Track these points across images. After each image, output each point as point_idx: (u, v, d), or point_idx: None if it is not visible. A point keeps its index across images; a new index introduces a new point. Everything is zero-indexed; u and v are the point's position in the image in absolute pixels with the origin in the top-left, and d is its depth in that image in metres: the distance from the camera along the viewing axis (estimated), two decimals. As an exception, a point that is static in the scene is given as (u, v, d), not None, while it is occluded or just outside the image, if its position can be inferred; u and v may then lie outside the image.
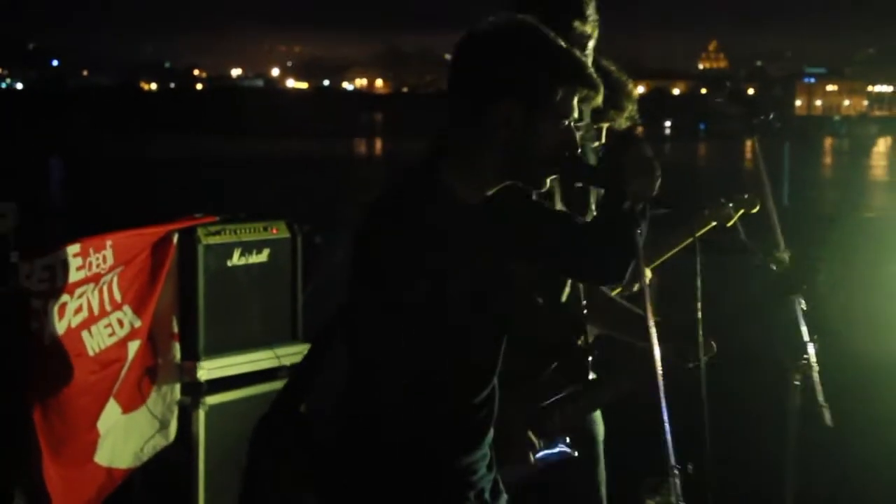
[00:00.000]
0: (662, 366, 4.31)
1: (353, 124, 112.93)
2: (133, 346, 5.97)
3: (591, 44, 4.31)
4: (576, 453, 4.09)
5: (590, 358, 4.26)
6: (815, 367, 4.49)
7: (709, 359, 4.04)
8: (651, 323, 3.28)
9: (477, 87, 3.26)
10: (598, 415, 5.03)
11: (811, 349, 4.52)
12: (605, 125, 4.53)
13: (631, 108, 4.74)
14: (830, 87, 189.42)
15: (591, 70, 3.30)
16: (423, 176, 3.27)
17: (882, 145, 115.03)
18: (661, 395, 3.23)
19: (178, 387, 6.26)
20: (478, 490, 3.35)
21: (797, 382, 4.52)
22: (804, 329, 4.55)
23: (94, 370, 5.74)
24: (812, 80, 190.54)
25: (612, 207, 3.33)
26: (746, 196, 5.24)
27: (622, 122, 4.66)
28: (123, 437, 5.99)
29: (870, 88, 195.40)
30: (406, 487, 3.26)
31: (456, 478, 3.32)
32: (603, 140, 4.49)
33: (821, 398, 4.45)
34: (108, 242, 5.81)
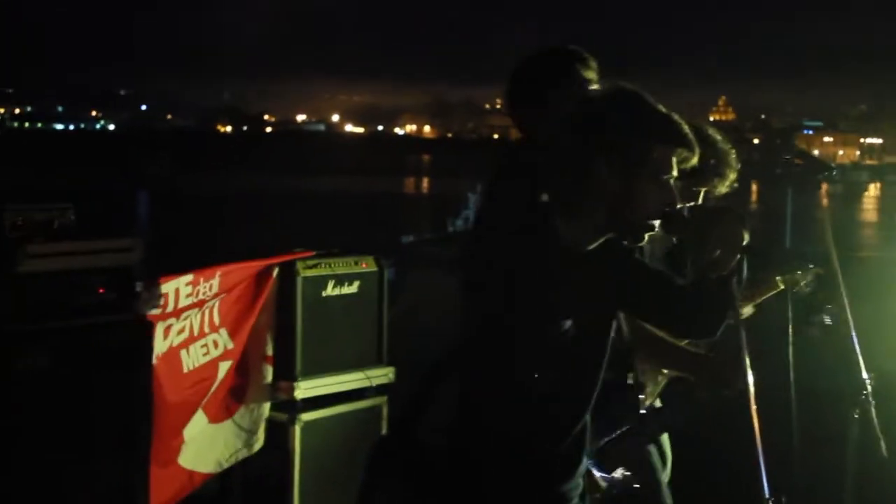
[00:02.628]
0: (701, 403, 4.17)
1: (403, 165, 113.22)
2: (224, 366, 5.92)
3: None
4: (636, 485, 3.93)
5: (640, 395, 4.12)
6: (872, 402, 4.34)
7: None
8: (746, 359, 3.14)
9: (580, 146, 3.17)
10: (664, 439, 4.88)
11: (868, 385, 4.37)
12: (703, 189, 4.39)
13: (732, 178, 4.59)
14: (826, 139, 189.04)
15: (687, 131, 3.20)
16: (536, 224, 3.16)
17: (872, 190, 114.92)
18: (756, 428, 3.09)
19: (267, 405, 6.20)
20: None
21: (856, 415, 4.36)
22: (862, 364, 4.39)
23: (187, 386, 5.70)
24: (810, 132, 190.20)
25: (703, 272, 3.22)
26: (812, 266, 5.03)
27: (722, 189, 4.52)
28: (208, 445, 5.92)
29: (861, 140, 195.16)
30: None
31: None
32: (699, 202, 4.35)
33: (877, 430, 4.30)
34: (218, 273, 5.81)
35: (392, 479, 3.34)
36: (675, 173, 3.17)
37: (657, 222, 3.17)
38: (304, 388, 6.21)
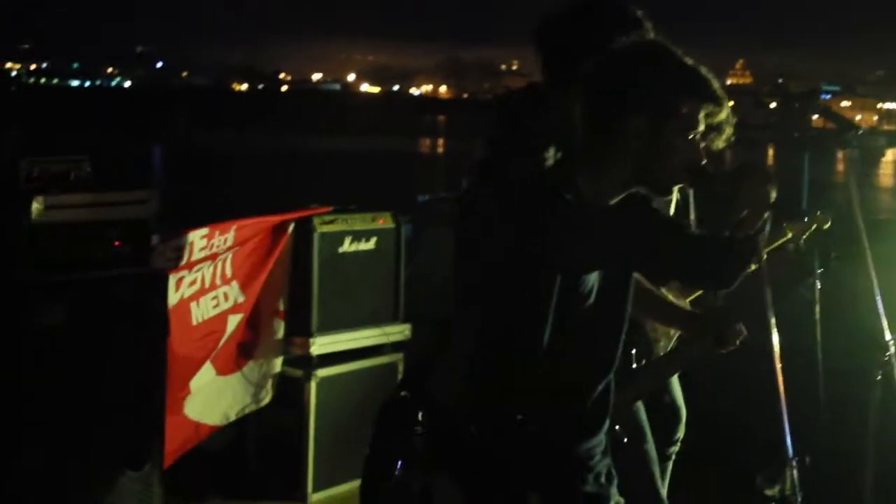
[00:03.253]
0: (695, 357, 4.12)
1: (418, 125, 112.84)
2: (234, 319, 5.89)
3: None
4: (625, 439, 3.90)
5: (633, 350, 4.07)
6: (895, 364, 4.29)
7: (739, 343, 3.84)
8: (772, 319, 3.09)
9: (609, 101, 3.11)
10: (677, 396, 4.83)
11: (891, 346, 4.32)
12: (702, 144, 4.33)
13: (728, 132, 4.54)
14: (844, 103, 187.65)
15: (716, 86, 3.13)
16: (557, 177, 3.09)
17: (890, 155, 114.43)
18: (780, 388, 3.04)
19: (277, 360, 6.19)
20: (595, 473, 3.23)
21: (878, 377, 4.32)
22: (885, 326, 4.35)
23: (195, 338, 5.66)
24: (828, 96, 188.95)
25: (726, 226, 3.16)
26: (820, 213, 5.00)
27: (719, 144, 4.47)
28: (216, 397, 5.89)
29: (879, 105, 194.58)
30: (533, 468, 3.14)
31: (577, 462, 3.20)
32: None
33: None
34: (233, 227, 5.77)
35: (402, 437, 3.29)
36: (702, 128, 3.12)
37: (682, 178, 3.12)
38: (320, 344, 6.19)
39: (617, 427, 3.88)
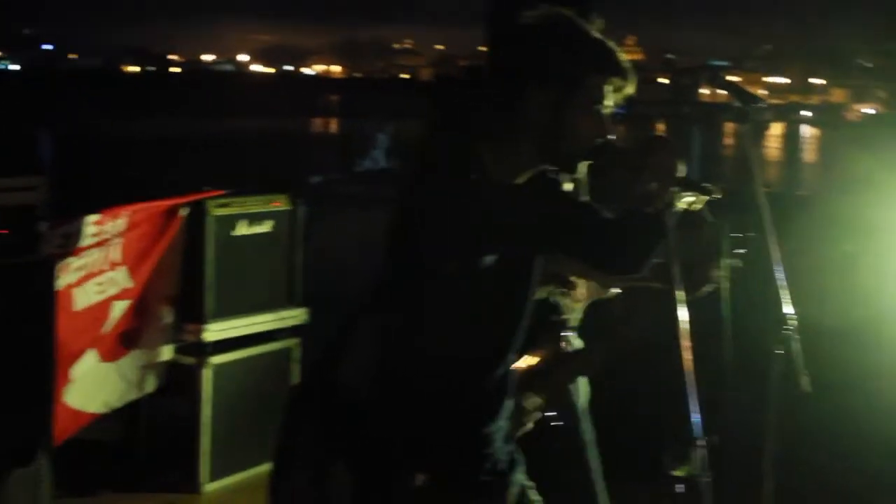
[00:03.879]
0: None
1: (312, 105, 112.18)
2: (119, 305, 5.76)
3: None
4: (552, 423, 3.85)
5: (564, 333, 4.01)
6: (796, 338, 4.26)
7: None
8: (679, 295, 3.03)
9: (511, 75, 3.02)
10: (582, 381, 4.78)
11: (791, 319, 4.29)
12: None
13: (617, 98, 4.47)
14: (732, 78, 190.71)
15: (622, 59, 3.06)
16: (461, 156, 3.00)
17: (774, 129, 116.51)
18: (688, 366, 2.99)
19: (164, 347, 6.06)
20: (493, 461, 3.12)
21: (779, 351, 4.28)
22: (786, 300, 4.31)
23: (77, 324, 5.53)
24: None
25: (634, 203, 3.08)
26: (705, 185, 4.98)
27: (606, 111, 4.41)
28: (98, 385, 5.74)
29: (766, 79, 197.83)
30: (425, 450, 3.05)
31: (472, 447, 3.09)
32: None
33: (801, 366, 4.22)
34: (125, 212, 5.65)
35: (311, 425, 3.19)
36: (608, 103, 3.04)
37: (588, 154, 3.04)
38: (214, 331, 6.06)
39: (549, 413, 3.81)
